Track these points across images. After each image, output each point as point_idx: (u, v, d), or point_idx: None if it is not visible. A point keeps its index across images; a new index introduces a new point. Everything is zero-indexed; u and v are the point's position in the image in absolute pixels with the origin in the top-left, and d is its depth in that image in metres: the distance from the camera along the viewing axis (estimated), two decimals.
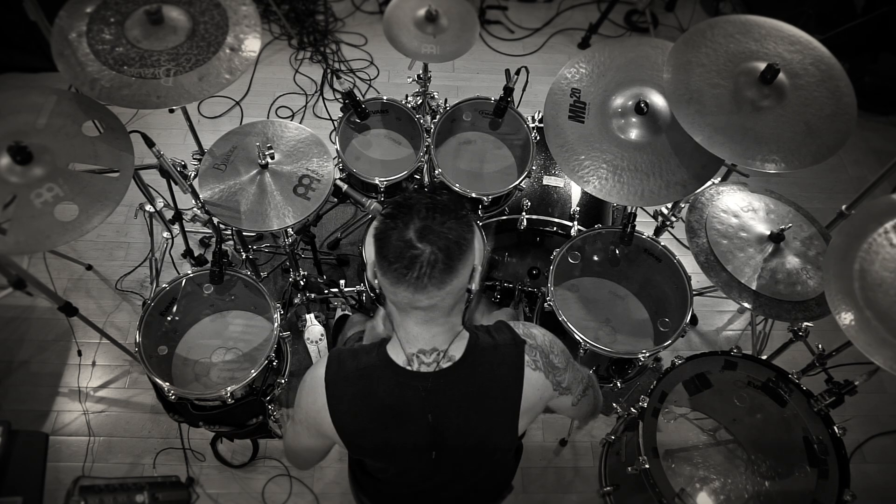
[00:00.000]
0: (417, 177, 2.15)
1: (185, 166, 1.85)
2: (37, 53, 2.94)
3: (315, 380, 1.16)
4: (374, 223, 1.06)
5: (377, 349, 1.16)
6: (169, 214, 2.16)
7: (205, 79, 1.61)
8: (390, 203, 1.05)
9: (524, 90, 2.35)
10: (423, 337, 1.11)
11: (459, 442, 1.18)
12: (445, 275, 1.01)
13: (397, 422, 1.14)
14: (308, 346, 2.34)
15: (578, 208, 2.12)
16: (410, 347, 1.12)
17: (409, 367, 1.12)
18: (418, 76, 2.28)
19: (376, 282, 1.10)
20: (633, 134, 1.70)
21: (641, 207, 2.38)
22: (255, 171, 1.80)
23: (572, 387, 1.23)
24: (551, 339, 1.21)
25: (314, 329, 2.35)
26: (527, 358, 1.16)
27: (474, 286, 1.11)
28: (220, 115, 3.12)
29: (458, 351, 1.13)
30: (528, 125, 2.10)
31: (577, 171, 1.68)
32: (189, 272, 1.84)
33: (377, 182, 2.02)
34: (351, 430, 1.16)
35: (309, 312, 2.37)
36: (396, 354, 1.13)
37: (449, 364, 1.12)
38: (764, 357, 1.79)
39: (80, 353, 2.37)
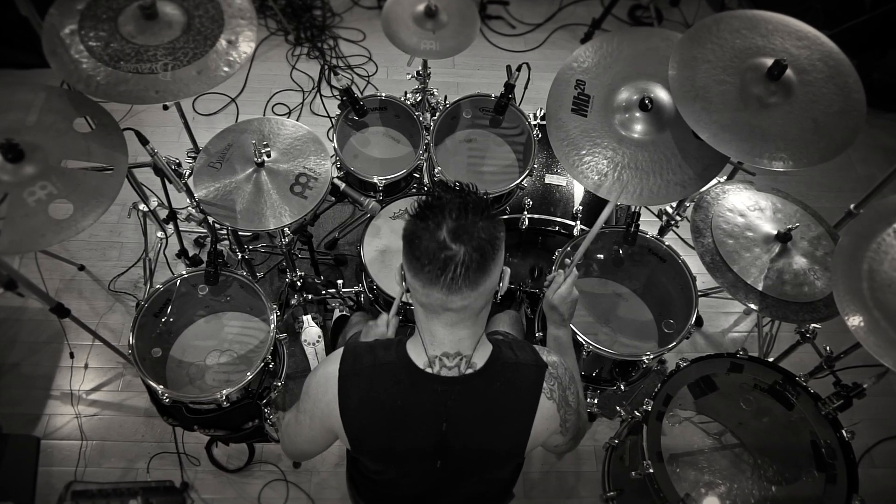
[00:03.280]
0: (416, 175, 2.12)
1: (179, 164, 1.84)
2: (28, 50, 2.91)
3: (328, 373, 1.13)
4: (404, 224, 1.04)
5: (396, 346, 1.14)
6: (163, 214, 2.13)
7: (203, 72, 1.58)
8: (419, 203, 1.02)
9: (526, 87, 2.32)
10: (448, 340, 1.09)
11: (465, 453, 1.16)
12: (479, 275, 0.99)
13: (407, 425, 1.12)
14: (305, 347, 2.31)
15: (581, 207, 2.09)
16: (434, 350, 1.09)
17: (429, 370, 1.10)
18: (417, 73, 2.26)
19: (404, 283, 1.09)
20: (637, 130, 1.67)
21: (645, 206, 2.36)
22: (251, 170, 1.77)
23: (568, 431, 1.21)
24: (571, 377, 1.20)
25: (311, 331, 2.32)
26: (545, 385, 1.14)
27: (503, 287, 1.10)
28: (215, 113, 3.08)
29: (480, 359, 1.11)
30: (529, 122, 2.07)
31: (577, 165, 1.65)
32: (184, 273, 1.82)
33: (376, 181, 2.00)
34: (358, 427, 1.13)
35: (306, 314, 2.34)
36: (417, 355, 1.11)
37: (470, 371, 1.10)
38: (770, 359, 1.77)
39: (72, 356, 2.33)
